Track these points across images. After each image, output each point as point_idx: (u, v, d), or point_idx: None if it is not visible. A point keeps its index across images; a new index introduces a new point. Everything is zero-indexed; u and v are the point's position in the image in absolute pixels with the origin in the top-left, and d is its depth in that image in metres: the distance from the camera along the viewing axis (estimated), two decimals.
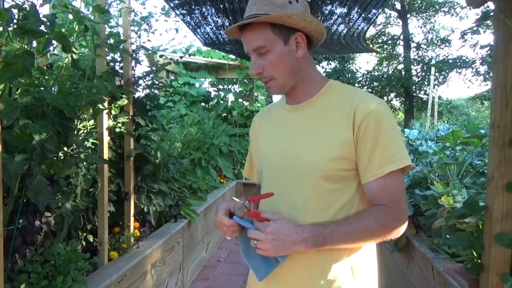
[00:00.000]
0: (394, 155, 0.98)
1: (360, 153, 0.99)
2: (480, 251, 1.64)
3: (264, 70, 1.04)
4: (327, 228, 0.95)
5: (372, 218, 0.97)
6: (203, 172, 4.58)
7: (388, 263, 3.23)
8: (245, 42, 1.05)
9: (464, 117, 18.25)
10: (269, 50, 1.02)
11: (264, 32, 1.01)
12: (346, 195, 1.02)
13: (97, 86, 1.83)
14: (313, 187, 1.01)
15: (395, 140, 0.99)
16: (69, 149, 1.90)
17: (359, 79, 19.14)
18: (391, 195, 0.99)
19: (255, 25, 1.02)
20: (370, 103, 1.00)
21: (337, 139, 1.00)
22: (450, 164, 2.55)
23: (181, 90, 7.12)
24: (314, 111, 1.07)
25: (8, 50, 1.32)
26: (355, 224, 0.96)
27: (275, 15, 0.98)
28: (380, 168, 0.97)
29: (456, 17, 18.39)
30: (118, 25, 2.80)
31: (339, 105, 1.04)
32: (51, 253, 1.86)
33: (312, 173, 1.01)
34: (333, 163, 0.99)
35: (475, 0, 1.76)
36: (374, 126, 0.98)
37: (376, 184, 0.99)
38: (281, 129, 1.12)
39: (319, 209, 1.01)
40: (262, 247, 0.93)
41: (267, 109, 1.28)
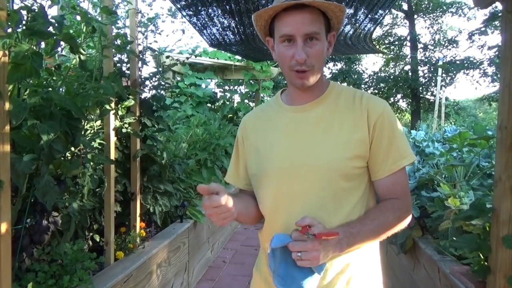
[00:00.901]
0: (405, 150, 1.04)
1: (374, 151, 1.02)
2: (487, 253, 1.63)
3: (308, 58, 0.99)
4: (354, 228, 0.96)
5: (390, 212, 1.02)
6: (208, 172, 4.59)
7: (394, 265, 3.22)
8: (295, 23, 0.97)
9: (472, 118, 18.09)
10: (319, 39, 0.99)
11: (319, 20, 0.99)
12: (359, 192, 1.04)
13: (104, 87, 1.85)
14: (331, 186, 1.02)
15: (403, 137, 1.05)
16: (76, 149, 1.92)
17: (366, 80, 19.07)
18: (402, 188, 1.05)
19: (311, 9, 0.97)
20: (380, 103, 1.05)
21: (352, 138, 1.01)
22: (457, 165, 2.53)
23: (187, 91, 7.14)
24: (323, 112, 1.07)
25: (17, 51, 1.34)
26: (377, 220, 1.00)
27: (340, 5, 0.98)
28: (395, 164, 1.02)
29: (463, 17, 18.25)
30: (125, 26, 2.83)
31: (348, 105, 1.06)
32: (58, 252, 1.88)
33: (331, 173, 1.01)
34: (350, 161, 1.01)
35: (483, 1, 1.75)
36: (388, 125, 1.02)
37: (390, 179, 1.03)
38: (288, 131, 1.08)
39: (336, 208, 1.02)
40: (309, 257, 0.89)
41: (260, 110, 1.24)
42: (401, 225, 1.04)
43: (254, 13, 1.04)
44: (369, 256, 1.08)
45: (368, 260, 1.08)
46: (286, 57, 1.01)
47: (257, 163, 1.12)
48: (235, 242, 4.79)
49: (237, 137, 1.23)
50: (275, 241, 0.94)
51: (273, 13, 1.01)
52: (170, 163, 3.01)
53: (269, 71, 7.61)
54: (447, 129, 4.32)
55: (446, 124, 8.99)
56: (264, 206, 1.12)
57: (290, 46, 0.99)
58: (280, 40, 1.01)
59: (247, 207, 1.13)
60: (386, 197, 1.05)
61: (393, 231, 1.03)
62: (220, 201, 0.91)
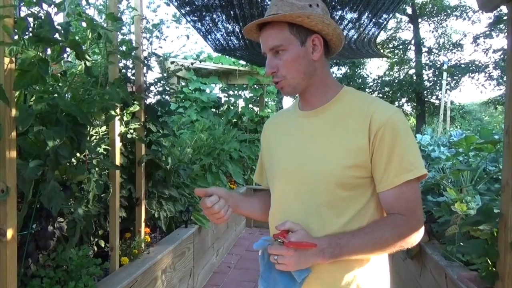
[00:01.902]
0: (411, 163, 0.97)
1: (376, 162, 0.99)
2: (494, 259, 1.61)
3: (278, 70, 1.03)
4: (342, 239, 0.94)
5: (389, 227, 0.97)
6: (213, 177, 4.59)
7: (401, 270, 3.19)
8: (262, 41, 1.06)
9: (477, 122, 18.01)
10: (285, 49, 1.01)
11: (282, 32, 1.01)
12: (360, 203, 1.01)
13: (110, 93, 1.86)
14: (327, 194, 1.00)
15: (411, 148, 0.99)
16: (82, 155, 1.93)
17: (370, 84, 19.03)
18: (407, 203, 0.98)
19: (273, 24, 1.02)
20: (386, 111, 0.99)
21: (352, 147, 0.99)
22: (463, 170, 2.52)
23: (191, 96, 7.17)
24: (328, 118, 1.06)
25: (24, 58, 1.35)
26: (371, 234, 0.95)
27: (293, 14, 0.98)
28: (397, 177, 0.97)
29: (468, 21, 18.20)
30: (131, 32, 2.84)
31: (354, 112, 1.03)
32: (64, 258, 1.88)
33: (327, 180, 1.00)
34: (348, 170, 0.98)
35: (488, 4, 1.75)
36: (390, 135, 0.97)
37: (392, 193, 0.98)
38: (295, 135, 1.11)
39: (332, 216, 1.00)
40: (284, 261, 0.90)
41: (279, 114, 1.28)
42: (407, 243, 0.98)
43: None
44: (377, 267, 1.05)
45: (376, 271, 1.05)
46: None
47: (270, 165, 1.18)
48: (239, 247, 4.78)
49: (261, 140, 1.32)
50: (258, 243, 0.98)
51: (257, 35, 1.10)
52: (175, 168, 3.01)
53: None
54: (453, 133, 4.29)
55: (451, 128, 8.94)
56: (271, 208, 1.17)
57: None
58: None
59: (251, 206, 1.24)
60: (389, 211, 1.00)
61: (394, 248, 0.98)
62: (207, 203, 1.04)
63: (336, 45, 1.09)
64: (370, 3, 3.49)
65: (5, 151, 1.32)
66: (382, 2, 3.46)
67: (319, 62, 1.06)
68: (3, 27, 1.28)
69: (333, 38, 1.06)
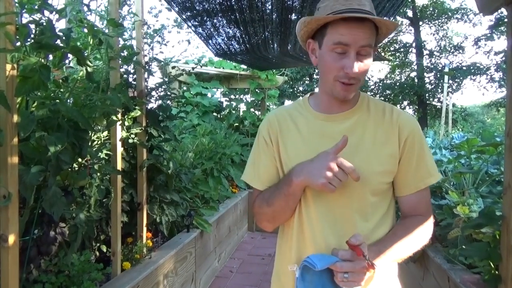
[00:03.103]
0: (433, 168, 1.04)
1: (403, 167, 1.02)
2: (497, 262, 1.60)
3: (357, 72, 0.96)
4: (383, 247, 0.96)
5: (416, 229, 1.02)
6: (215, 182, 4.59)
7: (403, 274, 3.17)
8: (352, 34, 0.94)
9: (480, 124, 17.94)
10: (369, 53, 0.98)
11: (374, 34, 0.98)
12: (384, 207, 1.04)
13: (111, 98, 1.87)
14: (360, 200, 1.00)
15: (431, 154, 1.06)
16: (83, 160, 1.93)
17: (372, 87, 19.03)
18: (426, 205, 1.06)
19: (370, 24, 0.96)
20: (410, 119, 1.05)
21: (383, 153, 1.01)
22: (465, 173, 2.51)
23: (193, 101, 7.18)
24: (356, 123, 1.05)
25: (25, 64, 1.36)
26: (405, 238, 0.99)
27: (396, 23, 0.98)
28: (422, 181, 1.02)
29: (469, 23, 18.22)
30: (132, 38, 2.86)
31: (379, 119, 1.05)
32: (65, 263, 1.88)
33: (361, 187, 0.99)
34: (380, 176, 1.01)
35: (488, 7, 1.75)
36: (418, 142, 1.02)
37: (416, 196, 1.04)
38: (320, 140, 1.04)
39: (362, 221, 1.01)
40: (356, 279, 0.85)
41: (286, 112, 1.15)
42: (425, 242, 1.04)
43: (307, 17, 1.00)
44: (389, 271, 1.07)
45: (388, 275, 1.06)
46: (334, 66, 0.98)
47: (288, 164, 1.06)
48: (241, 251, 4.77)
49: (260, 136, 1.15)
50: (318, 262, 0.85)
51: (332, 19, 0.97)
52: (176, 173, 3.01)
53: (274, 80, 7.63)
54: (455, 135, 4.28)
55: (453, 131, 8.92)
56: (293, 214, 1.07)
57: (341, 56, 0.96)
58: (332, 47, 0.97)
59: None
60: (410, 213, 1.05)
61: (418, 248, 1.02)
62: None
63: None
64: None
65: (7, 157, 1.32)
66: (382, 5, 3.46)
67: None
68: (5, 34, 1.29)
69: None
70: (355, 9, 0.95)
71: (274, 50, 4.74)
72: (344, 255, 0.87)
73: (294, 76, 17.62)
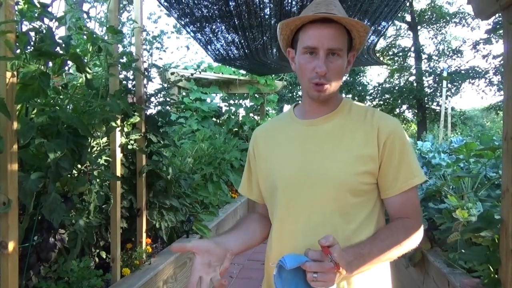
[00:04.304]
0: (416, 169, 1.03)
1: (384, 169, 1.02)
2: (497, 266, 1.60)
3: (328, 72, 1.00)
4: (364, 249, 0.94)
5: (401, 232, 1.01)
6: (214, 187, 4.59)
7: (403, 278, 3.17)
8: (318, 36, 0.99)
9: (479, 128, 17.98)
10: (340, 56, 1.01)
11: (344, 37, 1.01)
12: (367, 209, 1.04)
13: (110, 104, 1.88)
14: (339, 201, 1.01)
15: (414, 156, 1.05)
16: (83, 167, 1.94)
17: (370, 92, 19.08)
18: (412, 207, 1.04)
19: (337, 26, 0.99)
20: (391, 122, 1.05)
21: (362, 155, 1.01)
22: (464, 176, 2.51)
23: (192, 106, 7.20)
24: (334, 127, 1.07)
25: (25, 71, 1.37)
26: (388, 241, 0.98)
27: (365, 25, 1.00)
28: (405, 182, 1.02)
29: (467, 27, 18.30)
30: (131, 44, 2.87)
31: (359, 121, 1.06)
32: (65, 269, 1.88)
33: (339, 187, 1.01)
34: (359, 177, 1.01)
35: (484, 12, 1.77)
36: (399, 144, 1.02)
37: (400, 198, 1.03)
38: (299, 144, 1.08)
39: (343, 223, 1.01)
40: (325, 278, 0.86)
41: (271, 123, 1.25)
42: (412, 245, 1.02)
43: (280, 22, 1.05)
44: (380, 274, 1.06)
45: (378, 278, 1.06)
46: (306, 68, 1.02)
47: (268, 175, 1.13)
48: (241, 256, 4.75)
49: (249, 150, 1.24)
50: (289, 262, 0.89)
51: (300, 24, 1.02)
52: (175, 178, 3.02)
53: (273, 85, 7.66)
54: (453, 139, 4.29)
55: (453, 134, 8.93)
56: (272, 218, 1.13)
57: (312, 58, 1.00)
58: (303, 51, 1.02)
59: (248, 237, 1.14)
60: (396, 216, 1.04)
61: (404, 251, 1.01)
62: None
63: None
64: (369, 11, 3.52)
65: (7, 164, 1.33)
66: (380, 10, 3.49)
67: None
68: (5, 42, 1.30)
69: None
70: (322, 12, 0.99)
71: (273, 55, 4.76)
72: (313, 255, 0.88)
73: (293, 81, 17.65)
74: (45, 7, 1.50)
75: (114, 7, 2.22)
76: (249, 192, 1.24)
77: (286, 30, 1.05)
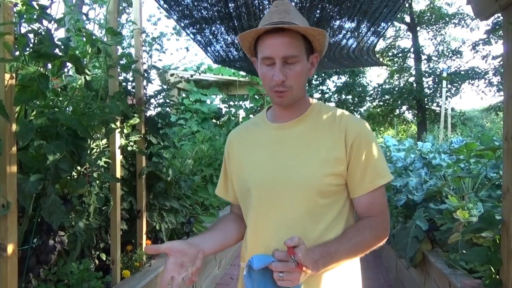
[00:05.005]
0: (382, 170, 1.07)
1: (352, 170, 1.05)
2: (498, 266, 1.60)
3: (286, 79, 1.03)
4: (331, 247, 0.98)
5: (368, 230, 1.05)
6: (214, 188, 4.58)
7: (405, 279, 3.16)
8: (272, 47, 1.02)
9: (479, 128, 17.97)
10: (298, 61, 1.03)
11: (299, 43, 1.03)
12: (336, 209, 1.07)
13: (110, 106, 1.87)
14: (308, 202, 1.04)
15: (381, 157, 1.08)
16: (82, 168, 1.93)
17: (370, 93, 19.08)
18: (380, 206, 1.08)
19: (288, 33, 1.01)
20: (358, 123, 1.08)
21: (330, 157, 1.04)
22: (464, 177, 2.51)
23: (192, 107, 7.20)
24: (304, 130, 1.10)
25: (24, 73, 1.36)
26: (355, 239, 1.02)
27: (316, 29, 1.01)
28: (372, 183, 1.05)
29: (467, 28, 18.31)
30: (130, 46, 2.87)
31: (327, 124, 1.09)
32: (65, 272, 1.88)
33: (308, 189, 1.04)
34: (327, 178, 1.04)
35: (484, 13, 1.77)
36: (365, 145, 1.05)
37: (367, 198, 1.06)
38: (270, 147, 1.12)
39: (312, 223, 1.04)
40: (290, 278, 0.90)
41: (244, 128, 1.28)
42: (379, 243, 1.07)
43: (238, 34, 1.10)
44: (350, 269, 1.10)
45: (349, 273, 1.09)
46: (266, 78, 1.05)
47: (240, 177, 1.17)
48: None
49: (224, 153, 1.28)
50: (256, 262, 0.93)
51: (255, 35, 1.06)
52: (175, 180, 3.01)
53: None
54: (454, 140, 4.29)
55: (453, 135, 8.93)
56: (246, 219, 1.16)
57: (270, 68, 1.04)
58: (261, 61, 1.05)
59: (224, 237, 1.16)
60: (364, 214, 1.08)
61: (370, 249, 1.06)
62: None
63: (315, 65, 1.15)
64: (368, 12, 3.53)
65: (6, 166, 1.32)
66: (380, 11, 3.49)
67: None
68: (4, 44, 1.30)
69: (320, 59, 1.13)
70: (275, 22, 1.01)
71: None
72: (279, 255, 0.91)
73: None
74: (44, 9, 1.49)
75: (113, 9, 2.22)
76: (225, 193, 1.28)
77: (244, 42, 1.09)
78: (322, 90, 18.63)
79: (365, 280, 1.17)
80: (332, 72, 17.57)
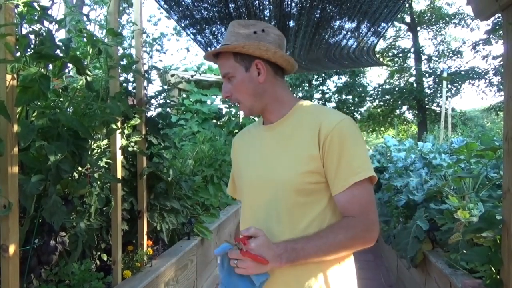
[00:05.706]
0: (359, 166, 1.04)
1: (327, 167, 1.05)
2: (498, 266, 1.60)
3: (231, 94, 1.14)
4: (298, 244, 1.00)
5: (342, 230, 1.02)
6: (215, 189, 4.59)
7: (405, 279, 3.16)
8: (219, 66, 1.17)
9: (479, 128, 17.96)
10: (233, 76, 1.12)
11: (229, 61, 1.12)
12: (318, 208, 1.07)
13: (111, 107, 1.87)
14: (286, 201, 1.07)
15: (359, 153, 1.05)
16: (83, 169, 1.93)
17: (371, 93, 19.08)
18: (359, 206, 1.04)
19: (222, 54, 1.13)
20: (333, 120, 1.07)
21: (304, 155, 1.06)
22: (465, 177, 2.51)
23: (193, 108, 7.20)
24: (284, 130, 1.14)
25: (25, 74, 1.37)
26: (325, 238, 1.01)
27: (230, 45, 1.09)
28: (346, 180, 1.03)
29: (467, 28, 18.31)
30: (131, 46, 2.87)
31: (306, 123, 1.11)
32: (66, 272, 1.88)
33: (286, 187, 1.07)
34: (303, 177, 1.05)
35: (484, 13, 1.77)
36: (337, 141, 1.04)
37: (344, 196, 1.04)
38: (258, 149, 1.19)
39: (291, 221, 1.06)
40: (243, 265, 0.96)
41: (247, 130, 1.36)
42: (363, 244, 1.04)
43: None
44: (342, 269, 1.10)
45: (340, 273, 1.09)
46: None
47: (239, 177, 1.26)
48: None
49: (231, 155, 1.39)
50: (219, 248, 1.00)
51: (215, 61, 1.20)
52: (176, 180, 3.01)
53: None
54: (454, 140, 4.29)
55: (453, 135, 8.92)
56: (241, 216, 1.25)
57: None
58: None
59: None
60: (344, 214, 1.06)
61: (352, 249, 1.06)
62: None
63: (286, 65, 1.16)
64: (368, 12, 3.53)
65: (7, 167, 1.33)
66: (380, 11, 3.49)
67: (268, 83, 1.14)
68: (5, 45, 1.30)
69: (278, 61, 1.14)
70: (222, 44, 1.13)
71: None
72: (232, 243, 0.99)
73: (293, 82, 17.68)
74: (45, 10, 1.50)
75: (114, 10, 2.23)
76: (233, 192, 1.39)
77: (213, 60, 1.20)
78: (323, 90, 18.65)
79: (365, 280, 1.17)
80: (333, 72, 17.59)
